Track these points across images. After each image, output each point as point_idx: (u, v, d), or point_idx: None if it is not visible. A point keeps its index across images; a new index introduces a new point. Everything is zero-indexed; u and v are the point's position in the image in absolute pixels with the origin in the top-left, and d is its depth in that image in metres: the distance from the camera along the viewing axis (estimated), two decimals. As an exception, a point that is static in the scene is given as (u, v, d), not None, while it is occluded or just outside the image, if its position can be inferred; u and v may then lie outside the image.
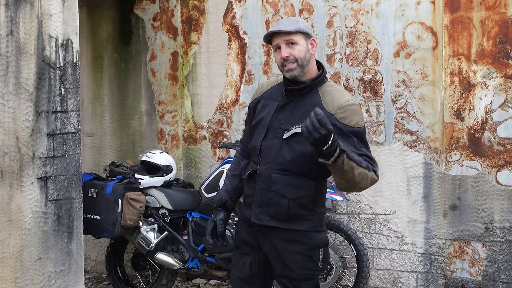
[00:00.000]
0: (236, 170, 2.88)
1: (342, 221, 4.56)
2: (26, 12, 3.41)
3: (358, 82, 4.63)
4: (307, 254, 2.67)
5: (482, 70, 4.24)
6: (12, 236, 3.36)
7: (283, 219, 2.64)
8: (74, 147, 3.67)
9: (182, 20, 5.25)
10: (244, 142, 2.94)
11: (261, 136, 2.68)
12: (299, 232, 2.66)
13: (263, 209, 2.67)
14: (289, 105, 2.66)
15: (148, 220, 4.54)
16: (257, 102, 2.80)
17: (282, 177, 2.62)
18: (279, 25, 2.64)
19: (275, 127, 2.65)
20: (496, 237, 4.25)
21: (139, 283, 4.94)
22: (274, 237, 2.68)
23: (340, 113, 2.57)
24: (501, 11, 4.17)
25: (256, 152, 2.70)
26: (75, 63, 3.67)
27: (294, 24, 2.62)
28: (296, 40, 2.61)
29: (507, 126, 4.20)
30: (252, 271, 2.78)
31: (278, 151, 2.62)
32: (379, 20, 4.54)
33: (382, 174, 4.56)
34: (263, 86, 2.84)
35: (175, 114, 5.30)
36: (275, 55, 2.68)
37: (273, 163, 2.63)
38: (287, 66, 2.61)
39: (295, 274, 2.66)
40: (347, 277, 4.56)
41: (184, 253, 4.51)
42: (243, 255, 2.80)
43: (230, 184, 2.88)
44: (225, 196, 2.85)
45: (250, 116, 2.86)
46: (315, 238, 2.69)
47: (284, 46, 2.61)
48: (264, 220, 2.67)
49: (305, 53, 2.62)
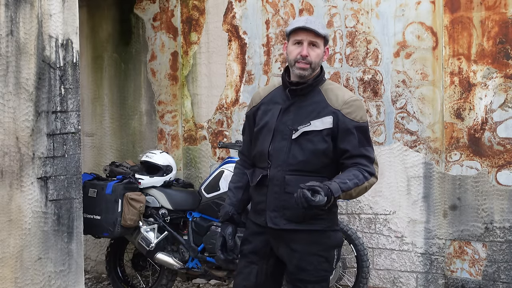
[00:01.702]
0: (240, 182, 2.85)
1: (342, 221, 4.55)
2: (26, 12, 3.41)
3: (358, 82, 4.63)
4: (323, 255, 2.66)
5: (482, 70, 4.24)
6: (12, 236, 3.36)
7: (300, 220, 2.62)
8: (74, 147, 3.67)
9: (182, 20, 5.26)
10: (244, 152, 2.90)
11: (268, 140, 2.67)
12: (316, 232, 2.65)
13: (279, 212, 2.64)
14: (293, 107, 2.66)
15: (148, 220, 4.54)
16: (256, 109, 2.79)
17: (296, 178, 2.60)
18: (311, 23, 2.60)
19: (282, 129, 2.64)
20: (496, 237, 4.25)
21: (139, 283, 4.94)
22: (291, 240, 2.66)
23: (346, 108, 2.60)
24: (501, 11, 4.17)
25: (265, 157, 2.67)
26: (75, 63, 3.67)
27: (323, 28, 2.63)
28: (319, 44, 2.62)
29: (507, 126, 4.20)
30: (258, 281, 2.75)
31: (288, 152, 2.62)
32: (379, 20, 4.54)
33: (382, 174, 4.57)
34: (260, 93, 2.83)
35: (175, 114, 5.30)
36: (290, 48, 2.64)
37: (285, 164, 2.62)
38: (301, 65, 2.61)
39: (311, 277, 2.64)
40: (347, 277, 4.56)
41: (184, 253, 4.51)
42: (249, 263, 2.76)
43: (234, 196, 2.84)
44: (231, 209, 2.81)
45: (249, 125, 2.84)
46: (332, 237, 2.69)
47: (306, 44, 2.60)
48: (280, 224, 2.64)
49: (320, 58, 2.65)
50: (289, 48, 2.65)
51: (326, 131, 2.59)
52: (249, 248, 2.77)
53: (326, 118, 2.59)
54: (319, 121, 2.59)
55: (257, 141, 2.74)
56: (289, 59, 2.65)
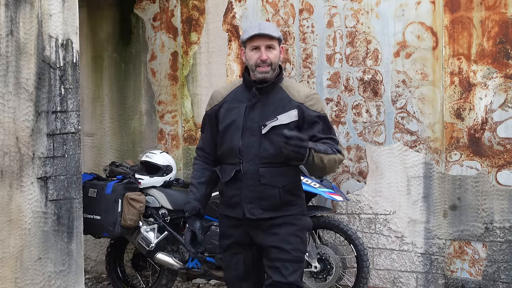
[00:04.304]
0: (202, 177, 2.98)
1: (342, 221, 4.55)
2: (26, 12, 3.41)
3: (358, 82, 4.63)
4: (299, 235, 2.86)
5: (482, 70, 4.24)
6: (12, 236, 3.36)
7: (276, 208, 2.83)
8: (74, 147, 3.67)
9: (182, 20, 5.25)
10: (205, 149, 3.02)
11: (238, 137, 2.83)
12: (291, 216, 2.86)
13: (255, 203, 2.82)
14: (258, 104, 2.84)
15: (148, 220, 4.54)
16: (218, 108, 2.93)
17: (269, 170, 2.80)
18: (264, 28, 2.80)
19: (250, 126, 2.82)
20: (496, 237, 4.25)
21: (139, 283, 4.94)
22: (269, 226, 2.84)
23: (308, 101, 2.84)
24: (501, 11, 4.17)
25: (236, 153, 2.83)
26: (75, 63, 3.67)
27: (276, 31, 2.84)
28: (275, 45, 2.83)
29: (507, 126, 4.19)
30: (247, 268, 2.92)
31: (259, 146, 2.80)
32: (379, 20, 4.54)
33: (382, 174, 4.57)
34: (222, 92, 2.97)
35: (175, 114, 5.30)
36: (249, 54, 2.83)
37: (257, 158, 2.80)
38: (263, 68, 2.81)
39: (289, 256, 2.80)
40: (347, 277, 4.55)
41: (184, 253, 4.50)
42: (234, 255, 2.93)
43: (198, 191, 2.97)
44: (197, 204, 2.95)
45: (211, 123, 2.98)
46: (304, 220, 2.91)
47: (263, 49, 2.80)
48: (257, 214, 2.82)
49: (278, 58, 2.86)
50: (247, 54, 2.85)
51: (293, 123, 2.80)
52: (230, 241, 2.93)
53: (292, 112, 2.81)
54: (285, 115, 2.80)
55: (225, 139, 2.89)
56: (249, 64, 2.85)
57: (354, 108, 4.65)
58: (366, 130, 4.62)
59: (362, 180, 4.65)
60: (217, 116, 2.94)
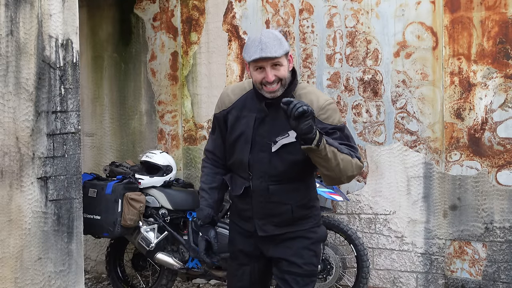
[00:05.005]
0: (213, 182, 2.83)
1: (342, 221, 4.56)
2: (26, 12, 3.41)
3: (358, 82, 4.63)
4: (313, 248, 2.72)
5: (482, 70, 4.24)
6: (12, 236, 3.36)
7: (289, 223, 2.70)
8: (74, 147, 3.67)
9: (182, 20, 5.25)
10: (215, 152, 2.85)
11: (247, 151, 2.66)
12: (305, 230, 2.72)
13: (266, 220, 2.70)
14: (268, 118, 2.63)
15: (148, 220, 4.54)
16: (227, 113, 2.74)
17: (279, 187, 2.66)
18: (266, 49, 2.50)
19: (259, 141, 2.64)
20: (496, 237, 4.25)
21: (139, 283, 4.94)
22: (282, 241, 2.72)
23: (322, 114, 2.58)
24: (501, 11, 4.17)
25: (245, 167, 2.68)
26: (75, 63, 3.67)
27: (280, 47, 2.53)
28: (281, 61, 2.55)
29: (507, 126, 4.20)
30: (253, 280, 2.81)
31: (269, 163, 2.63)
32: (379, 20, 4.54)
33: (382, 174, 4.57)
34: (230, 96, 2.76)
35: (175, 114, 5.30)
36: (253, 73, 2.58)
37: (266, 176, 2.65)
38: (270, 88, 2.55)
39: (300, 270, 2.69)
40: (347, 277, 4.56)
41: (184, 253, 4.51)
42: (241, 265, 2.82)
43: (211, 198, 2.82)
44: (210, 211, 2.80)
45: (220, 127, 2.79)
46: (318, 232, 2.76)
47: (269, 69, 2.53)
48: (269, 231, 2.71)
49: (287, 71, 2.59)
50: (252, 72, 2.59)
51: None
52: (238, 249, 2.82)
53: None
54: None
55: (234, 150, 2.72)
56: (255, 83, 2.61)
57: (354, 108, 4.65)
58: (366, 130, 4.62)
59: (362, 180, 4.65)
60: (226, 121, 2.75)
